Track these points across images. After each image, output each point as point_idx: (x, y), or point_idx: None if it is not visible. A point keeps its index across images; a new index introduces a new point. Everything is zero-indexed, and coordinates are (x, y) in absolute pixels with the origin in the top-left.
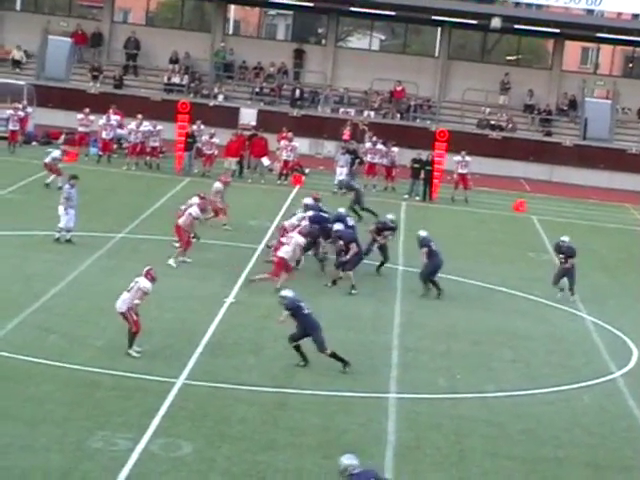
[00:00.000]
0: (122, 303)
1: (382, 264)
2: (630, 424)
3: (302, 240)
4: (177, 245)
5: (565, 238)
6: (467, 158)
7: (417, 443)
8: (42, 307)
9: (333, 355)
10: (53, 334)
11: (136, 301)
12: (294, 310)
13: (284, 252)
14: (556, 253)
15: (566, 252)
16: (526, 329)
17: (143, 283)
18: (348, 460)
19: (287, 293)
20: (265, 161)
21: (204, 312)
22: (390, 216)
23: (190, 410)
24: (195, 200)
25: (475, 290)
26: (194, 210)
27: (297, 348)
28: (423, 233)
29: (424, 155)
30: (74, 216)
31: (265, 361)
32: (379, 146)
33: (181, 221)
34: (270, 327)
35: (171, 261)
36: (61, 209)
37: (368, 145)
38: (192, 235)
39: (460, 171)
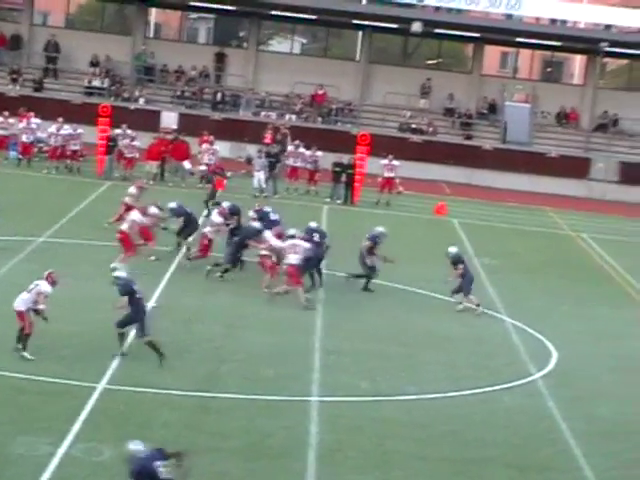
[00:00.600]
0: (21, 303)
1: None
2: (550, 425)
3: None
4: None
5: (452, 249)
6: (394, 162)
7: (339, 446)
8: None
9: (150, 344)
10: None
11: (41, 306)
12: (129, 294)
13: (295, 260)
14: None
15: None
16: (448, 331)
17: (44, 287)
18: (135, 446)
19: (121, 274)
20: (187, 164)
21: None
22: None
23: (112, 415)
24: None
25: (397, 292)
26: (136, 215)
27: (122, 336)
28: (454, 249)
29: (345, 159)
30: None
31: (188, 365)
32: (301, 149)
33: (125, 227)
34: (193, 331)
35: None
36: None
37: (290, 148)
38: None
39: (386, 175)
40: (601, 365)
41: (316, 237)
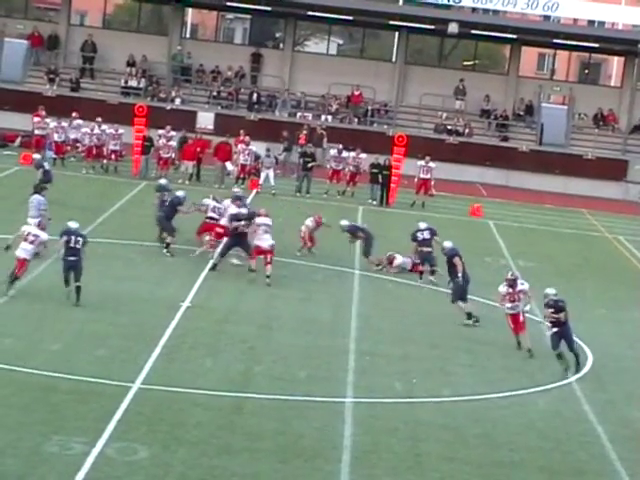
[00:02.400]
0: (25, 252)
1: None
2: (585, 428)
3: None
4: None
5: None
6: (431, 164)
7: (373, 448)
8: None
9: None
10: (8, 338)
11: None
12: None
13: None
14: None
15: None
16: (483, 334)
17: (43, 236)
18: None
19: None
20: (229, 165)
21: (160, 316)
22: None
23: (146, 414)
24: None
25: (432, 295)
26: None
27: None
28: (449, 244)
29: (382, 160)
30: None
31: (222, 365)
32: (345, 154)
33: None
34: (227, 331)
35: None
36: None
37: (333, 153)
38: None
39: (422, 176)
40: (637, 369)
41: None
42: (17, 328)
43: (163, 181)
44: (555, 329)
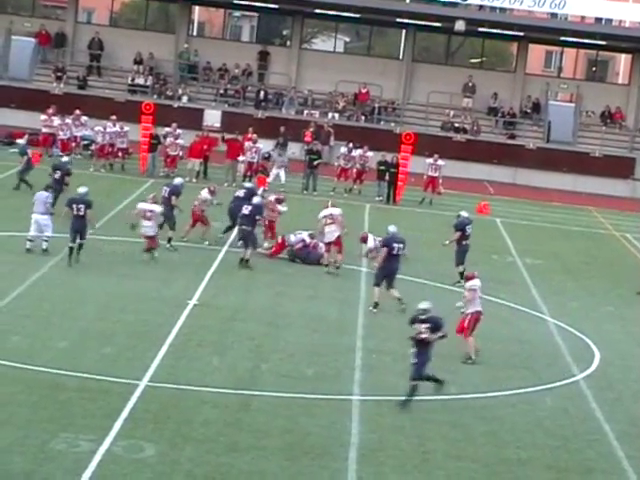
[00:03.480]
0: (149, 229)
1: None
2: (592, 426)
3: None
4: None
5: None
6: (439, 162)
7: (380, 445)
8: (5, 309)
9: None
10: (16, 336)
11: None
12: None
13: None
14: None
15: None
16: (489, 331)
17: (157, 209)
18: None
19: None
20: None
21: (167, 314)
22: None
23: (153, 412)
24: (205, 193)
25: (438, 292)
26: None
27: None
28: (392, 228)
29: (389, 157)
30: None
31: (229, 363)
32: (354, 152)
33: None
34: (234, 329)
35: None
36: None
37: (343, 150)
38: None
39: (430, 174)
40: None
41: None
42: (24, 326)
43: (178, 180)
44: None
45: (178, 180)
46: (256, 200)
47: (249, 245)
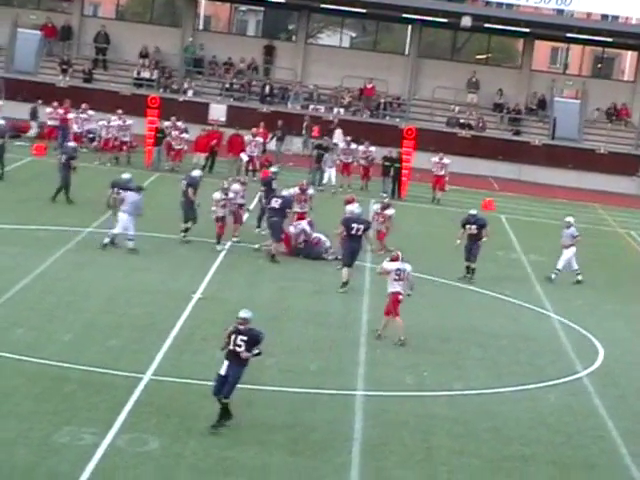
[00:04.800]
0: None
1: None
2: (596, 423)
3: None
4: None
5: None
6: (445, 160)
7: (384, 441)
8: (9, 301)
9: None
10: (20, 328)
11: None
12: None
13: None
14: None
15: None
16: (494, 327)
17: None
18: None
19: None
20: (244, 157)
21: (172, 307)
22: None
23: (157, 405)
24: (237, 186)
25: (443, 288)
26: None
27: None
28: (351, 208)
29: (395, 152)
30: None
31: None
32: (353, 146)
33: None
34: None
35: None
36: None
37: (342, 145)
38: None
39: (436, 172)
40: None
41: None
42: (29, 318)
43: (196, 172)
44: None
45: (196, 172)
46: (285, 193)
47: (275, 238)
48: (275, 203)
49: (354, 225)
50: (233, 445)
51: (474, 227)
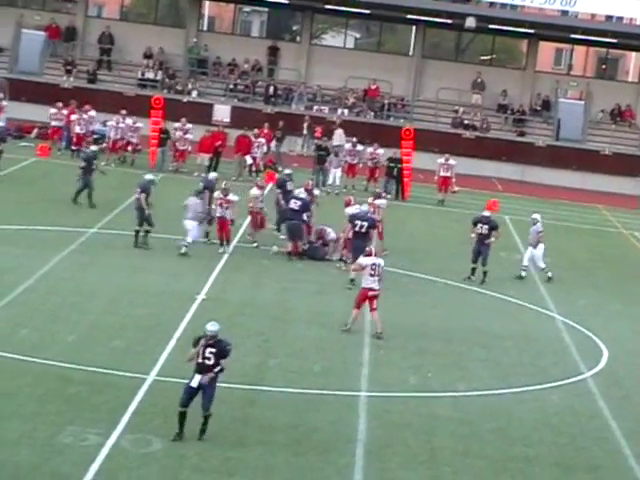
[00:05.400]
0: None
1: None
2: (600, 424)
3: None
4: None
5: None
6: (451, 161)
7: (387, 441)
8: (13, 302)
9: None
10: (24, 329)
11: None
12: None
13: None
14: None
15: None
16: (498, 328)
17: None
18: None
19: None
20: (248, 159)
21: (176, 308)
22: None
23: (161, 406)
24: (255, 191)
25: (448, 289)
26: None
27: None
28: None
29: (398, 153)
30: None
31: (236, 358)
32: (359, 147)
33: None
34: (242, 324)
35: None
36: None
37: (348, 146)
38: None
39: (443, 174)
40: None
41: None
42: (33, 319)
43: (213, 174)
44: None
45: (212, 175)
46: (303, 195)
47: (296, 239)
48: (294, 205)
49: (357, 222)
50: (236, 446)
51: (485, 227)
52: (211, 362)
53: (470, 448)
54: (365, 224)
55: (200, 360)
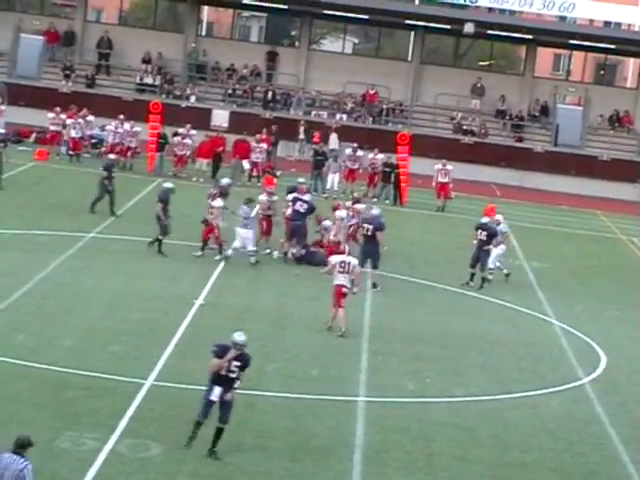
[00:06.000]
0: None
1: None
2: (597, 430)
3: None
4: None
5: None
6: (448, 166)
7: (385, 447)
8: (11, 306)
9: None
10: (22, 333)
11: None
12: None
13: None
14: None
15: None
16: (495, 334)
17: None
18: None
19: None
20: (245, 164)
21: (174, 313)
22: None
23: (158, 411)
24: (263, 197)
25: (445, 295)
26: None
27: None
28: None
29: (394, 158)
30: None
31: None
32: (359, 153)
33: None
34: (240, 329)
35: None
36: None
37: (348, 152)
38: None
39: (441, 180)
40: None
41: None
42: (30, 324)
43: (226, 180)
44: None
45: (225, 180)
46: (307, 197)
47: (297, 240)
48: (301, 207)
49: (365, 225)
50: (234, 451)
51: (484, 234)
52: (234, 375)
53: (468, 453)
54: (370, 227)
55: (224, 373)
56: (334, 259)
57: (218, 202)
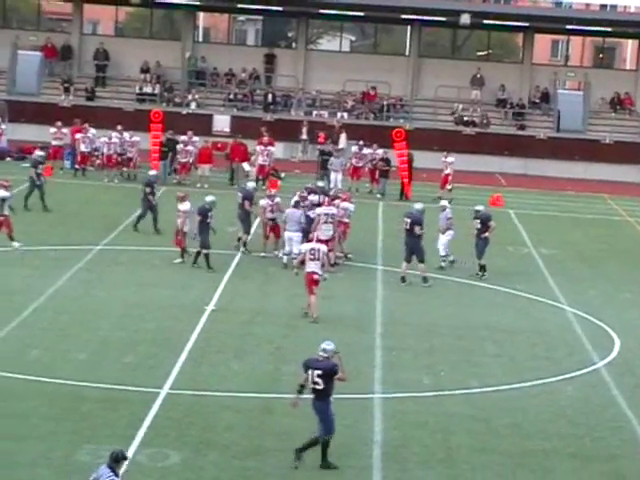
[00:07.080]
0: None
1: None
2: (615, 413)
3: None
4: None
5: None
6: (449, 159)
7: (404, 442)
8: (23, 322)
9: None
10: (35, 349)
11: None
12: None
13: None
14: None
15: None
16: (508, 323)
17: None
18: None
19: None
20: (246, 166)
21: (186, 321)
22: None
23: (176, 419)
24: (263, 201)
25: (455, 286)
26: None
27: None
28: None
29: (389, 153)
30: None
31: (249, 367)
32: (365, 151)
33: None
34: (253, 333)
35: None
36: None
37: (354, 149)
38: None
39: (445, 171)
40: None
41: None
42: (43, 339)
43: (251, 184)
44: None
45: (250, 185)
46: (312, 198)
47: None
48: (313, 214)
49: (405, 219)
50: (254, 455)
51: (477, 222)
52: (320, 387)
53: (487, 444)
54: (408, 221)
55: (311, 385)
56: (304, 247)
57: (185, 205)
